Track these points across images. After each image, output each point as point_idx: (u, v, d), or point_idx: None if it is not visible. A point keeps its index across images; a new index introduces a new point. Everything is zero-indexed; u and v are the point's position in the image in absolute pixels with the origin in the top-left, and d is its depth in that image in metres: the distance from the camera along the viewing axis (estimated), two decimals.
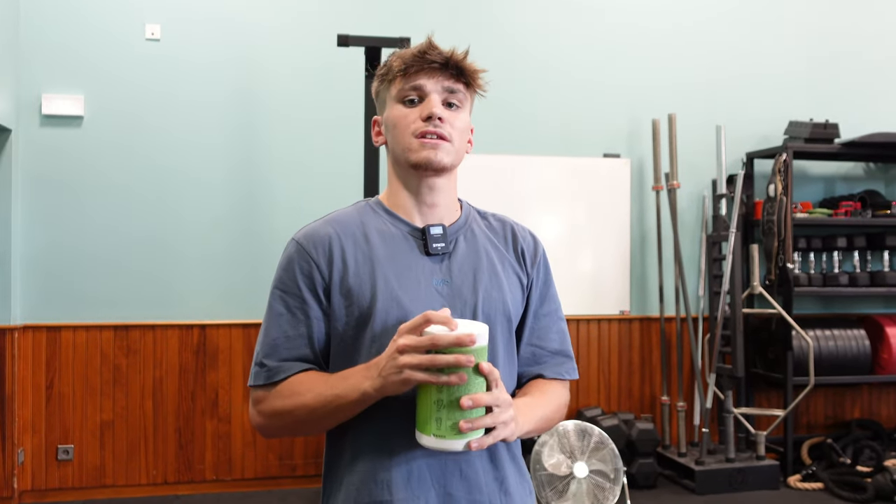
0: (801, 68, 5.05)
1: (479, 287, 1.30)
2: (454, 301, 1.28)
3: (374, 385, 1.15)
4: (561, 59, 4.74)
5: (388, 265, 1.27)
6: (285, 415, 1.24)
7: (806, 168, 5.05)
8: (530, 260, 1.40)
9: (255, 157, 4.37)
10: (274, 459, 4.32)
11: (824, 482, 4.31)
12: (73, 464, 4.12)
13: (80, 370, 4.14)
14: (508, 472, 1.31)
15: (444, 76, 1.28)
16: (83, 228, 4.17)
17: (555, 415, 1.36)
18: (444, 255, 1.31)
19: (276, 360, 1.26)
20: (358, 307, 1.25)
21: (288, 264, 1.29)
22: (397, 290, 1.26)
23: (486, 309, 1.30)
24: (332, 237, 1.29)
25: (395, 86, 1.30)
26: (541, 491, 3.59)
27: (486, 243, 1.37)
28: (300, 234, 1.31)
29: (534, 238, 1.44)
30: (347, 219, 1.33)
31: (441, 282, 1.29)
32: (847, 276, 4.76)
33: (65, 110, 4.14)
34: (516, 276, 1.37)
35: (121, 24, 4.22)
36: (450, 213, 1.35)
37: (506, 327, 1.33)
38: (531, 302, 1.40)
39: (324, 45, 4.27)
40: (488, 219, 1.42)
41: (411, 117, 1.28)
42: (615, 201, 4.77)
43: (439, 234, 1.31)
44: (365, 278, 1.26)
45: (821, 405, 5.02)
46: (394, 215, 1.33)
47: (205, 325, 4.26)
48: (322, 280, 1.27)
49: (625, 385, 4.78)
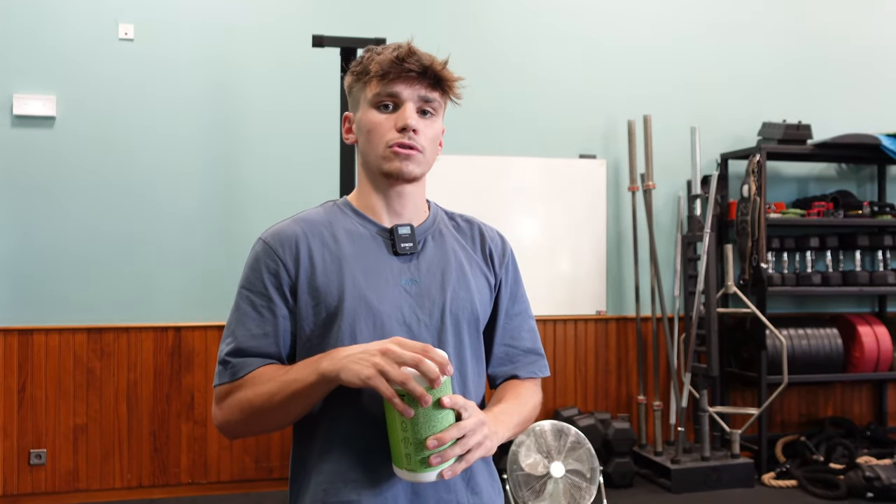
0: (774, 70, 5.10)
1: (448, 287, 1.31)
2: (422, 301, 1.29)
3: (332, 366, 1.13)
4: (537, 60, 4.76)
5: (355, 264, 1.27)
6: (245, 406, 1.22)
7: (779, 169, 5.11)
8: (498, 260, 1.41)
9: (231, 157, 4.34)
10: (250, 462, 4.30)
11: (798, 480, 4.35)
12: (45, 468, 4.07)
13: (53, 373, 4.09)
14: (477, 472, 1.31)
15: (421, 85, 1.28)
16: (55, 230, 4.13)
17: (530, 415, 1.37)
18: (412, 255, 1.31)
19: (241, 357, 1.26)
20: (325, 307, 1.25)
21: (255, 263, 1.29)
22: (365, 289, 1.26)
23: (454, 309, 1.30)
24: (300, 236, 1.28)
25: (370, 88, 1.29)
26: (517, 491, 3.60)
27: (454, 244, 1.37)
28: (267, 234, 1.31)
29: (501, 238, 1.45)
30: (315, 218, 1.33)
31: (409, 281, 1.29)
32: (820, 276, 4.82)
33: (36, 111, 4.09)
34: (484, 276, 1.38)
35: (94, 23, 4.18)
36: (418, 214, 1.36)
37: (473, 327, 1.34)
38: (501, 302, 1.40)
39: (299, 45, 4.25)
40: (456, 219, 1.42)
41: (386, 126, 1.27)
42: (591, 202, 4.79)
43: (407, 234, 1.31)
44: (332, 277, 1.26)
45: (794, 403, 5.07)
46: (362, 215, 1.33)
47: (180, 328, 4.23)
48: (289, 279, 1.26)
49: (601, 385, 4.80)
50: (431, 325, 1.28)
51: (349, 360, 1.12)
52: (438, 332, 1.28)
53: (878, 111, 5.21)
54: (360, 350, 1.13)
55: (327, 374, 1.14)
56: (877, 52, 5.29)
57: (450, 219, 1.42)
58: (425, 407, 1.09)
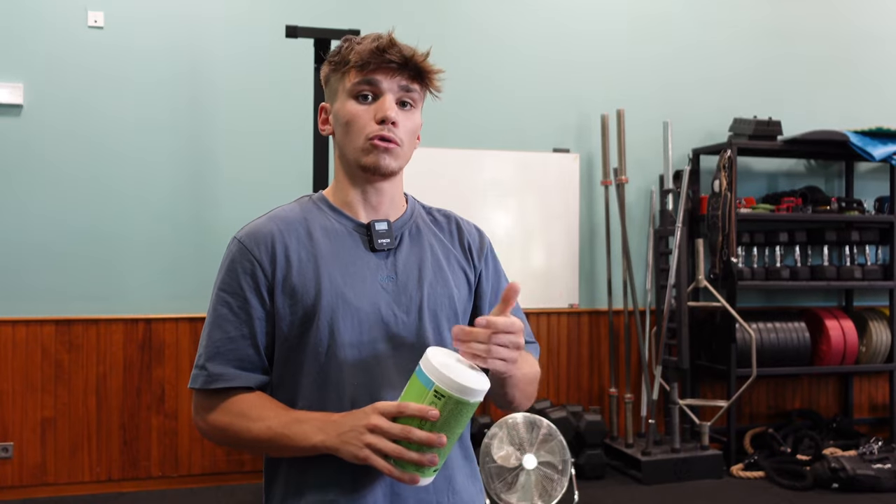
0: (746, 67, 5.16)
1: (425, 282, 1.30)
2: (399, 297, 1.27)
3: (327, 443, 1.14)
4: (512, 52, 4.77)
5: (332, 262, 1.26)
6: (230, 434, 1.23)
7: (750, 164, 5.17)
8: (477, 253, 1.40)
9: (202, 147, 4.30)
10: (222, 455, 4.27)
11: (765, 470, 4.42)
12: (12, 462, 4.01)
13: (20, 366, 4.02)
14: (457, 471, 1.30)
15: (401, 76, 1.26)
16: (23, 220, 4.06)
17: (534, 381, 1.37)
18: (389, 251, 1.30)
19: (219, 363, 1.24)
20: (302, 306, 1.24)
21: (230, 264, 1.27)
22: (342, 286, 1.24)
23: (432, 304, 1.29)
24: (275, 234, 1.27)
25: (348, 78, 1.26)
26: (490, 483, 3.62)
27: (432, 238, 1.36)
28: (242, 233, 1.29)
29: (479, 231, 1.44)
30: (290, 215, 1.31)
31: (386, 278, 1.28)
32: (788, 270, 4.88)
33: (2, 99, 4.01)
34: (462, 270, 1.37)
35: (62, 11, 4.11)
36: (395, 209, 1.35)
37: (452, 322, 1.32)
38: (484, 293, 1.40)
39: (272, 35, 4.21)
40: (433, 214, 1.42)
41: (365, 118, 1.25)
42: (565, 196, 4.81)
43: (384, 230, 1.30)
44: (309, 276, 1.24)
45: (763, 396, 5.15)
46: (338, 211, 1.32)
47: (150, 320, 4.19)
48: (265, 279, 1.24)
49: (574, 377, 4.84)
50: (409, 322, 1.27)
51: (342, 439, 1.13)
52: (417, 329, 1.27)
53: (847, 108, 5.28)
54: (349, 427, 1.13)
55: (321, 448, 1.16)
56: (847, 50, 5.36)
57: (427, 213, 1.41)
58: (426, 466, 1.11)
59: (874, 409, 5.33)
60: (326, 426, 1.16)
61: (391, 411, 1.10)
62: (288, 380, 1.26)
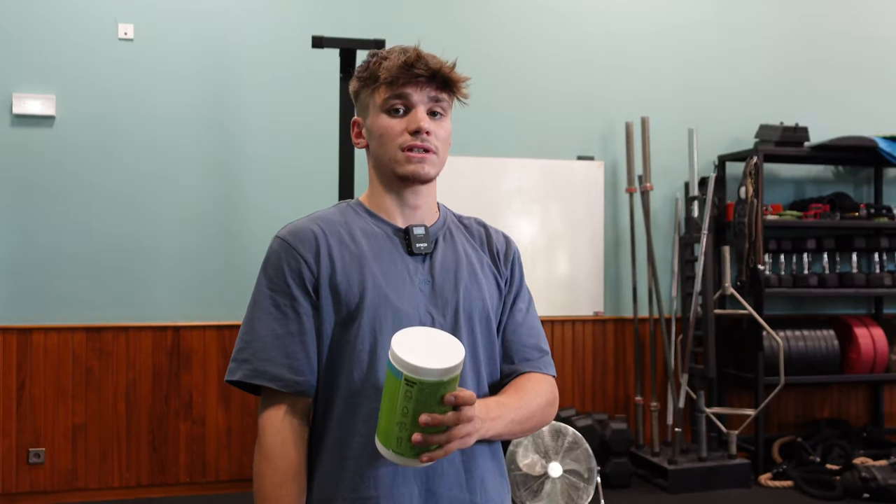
0: (772, 72, 5.12)
1: (460, 286, 1.33)
2: (436, 300, 1.31)
3: None
4: (536, 61, 4.78)
5: (374, 264, 1.29)
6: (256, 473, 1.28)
7: (777, 171, 5.13)
8: (504, 260, 1.43)
9: (230, 157, 4.35)
10: (248, 462, 4.30)
11: (794, 480, 4.37)
12: (44, 467, 4.08)
13: (52, 372, 4.09)
14: (487, 471, 1.33)
15: (430, 87, 1.30)
16: (55, 229, 4.13)
17: (536, 413, 1.34)
18: (426, 256, 1.34)
19: (265, 359, 1.26)
20: (346, 305, 1.26)
21: (276, 261, 1.29)
22: (385, 287, 1.28)
23: (467, 308, 1.33)
24: (318, 235, 1.30)
25: (379, 94, 1.30)
26: (516, 491, 3.61)
27: (465, 244, 1.40)
28: (285, 232, 1.31)
29: (507, 239, 1.47)
30: (331, 218, 1.34)
31: (424, 281, 1.32)
32: (816, 278, 4.84)
33: (36, 110, 4.09)
34: (493, 275, 1.40)
35: (93, 23, 4.19)
36: (430, 215, 1.39)
37: (485, 325, 1.35)
38: (507, 300, 1.42)
39: (299, 46, 4.26)
40: (464, 221, 1.45)
41: (398, 129, 1.29)
42: (589, 203, 4.81)
43: (422, 234, 1.33)
44: (353, 276, 1.27)
45: (791, 405, 5.09)
46: (376, 216, 1.35)
47: (179, 327, 4.24)
48: (311, 276, 1.27)
49: (599, 385, 4.82)
50: (446, 324, 1.30)
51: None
52: (453, 330, 1.30)
53: (875, 114, 5.23)
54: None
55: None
56: (874, 55, 5.31)
57: (458, 220, 1.45)
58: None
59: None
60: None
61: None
62: (327, 379, 1.29)
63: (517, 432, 1.31)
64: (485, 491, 1.31)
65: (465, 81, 1.33)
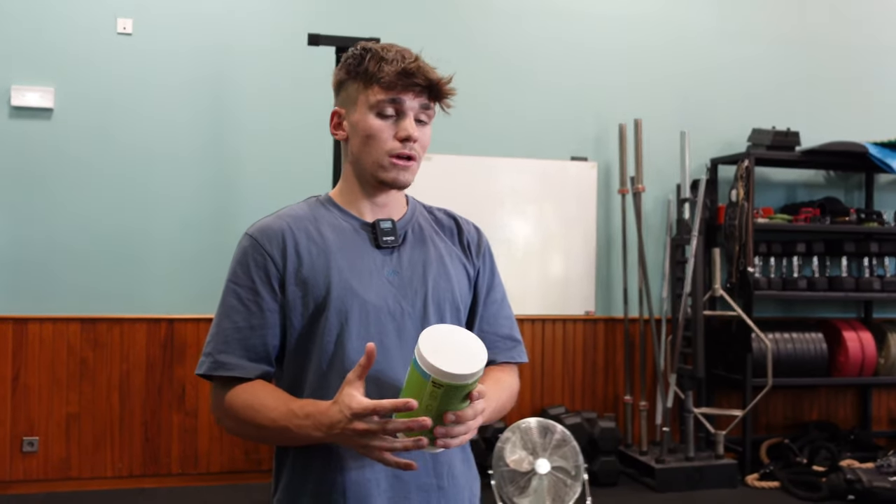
0: (766, 78, 5.17)
1: (429, 277, 1.36)
2: (405, 291, 1.34)
3: (327, 440, 1.21)
4: (530, 61, 4.82)
5: (340, 257, 1.32)
6: (242, 426, 1.29)
7: (769, 175, 5.17)
8: (475, 250, 1.46)
9: (226, 152, 4.40)
10: (240, 454, 4.34)
11: (781, 481, 4.41)
12: (37, 456, 4.12)
13: (47, 362, 4.13)
14: (455, 457, 1.37)
15: (423, 97, 1.32)
16: (51, 221, 4.18)
17: (508, 402, 1.42)
18: (393, 248, 1.37)
19: (224, 352, 1.30)
20: (313, 298, 1.30)
21: (242, 258, 1.33)
22: (351, 279, 1.30)
23: (436, 298, 1.36)
24: (286, 230, 1.33)
25: (371, 93, 1.30)
26: (502, 486, 3.65)
27: (434, 235, 1.43)
28: (253, 229, 1.35)
29: (477, 230, 1.50)
30: (299, 213, 1.37)
31: (392, 272, 1.34)
32: (806, 281, 4.88)
33: (35, 102, 4.14)
34: (463, 266, 1.43)
35: (92, 17, 4.23)
36: (398, 209, 1.42)
37: (455, 316, 1.39)
38: (479, 290, 1.46)
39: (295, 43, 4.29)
40: (434, 213, 1.48)
41: (387, 133, 1.31)
42: (582, 204, 4.85)
43: (389, 228, 1.36)
44: (319, 269, 1.30)
45: (780, 406, 5.13)
46: (345, 211, 1.38)
47: (173, 320, 4.28)
48: (277, 272, 1.31)
49: (589, 384, 4.86)
50: (415, 314, 1.33)
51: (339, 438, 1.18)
52: (422, 320, 1.33)
53: (866, 120, 5.27)
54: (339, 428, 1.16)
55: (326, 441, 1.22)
56: (867, 62, 5.36)
57: (428, 212, 1.48)
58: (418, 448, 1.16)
59: (893, 422, 5.30)
60: (320, 424, 1.20)
61: (367, 411, 1.14)
62: (296, 370, 1.33)
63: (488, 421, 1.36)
64: (452, 477, 1.35)
65: (452, 94, 1.35)
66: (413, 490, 1.30)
